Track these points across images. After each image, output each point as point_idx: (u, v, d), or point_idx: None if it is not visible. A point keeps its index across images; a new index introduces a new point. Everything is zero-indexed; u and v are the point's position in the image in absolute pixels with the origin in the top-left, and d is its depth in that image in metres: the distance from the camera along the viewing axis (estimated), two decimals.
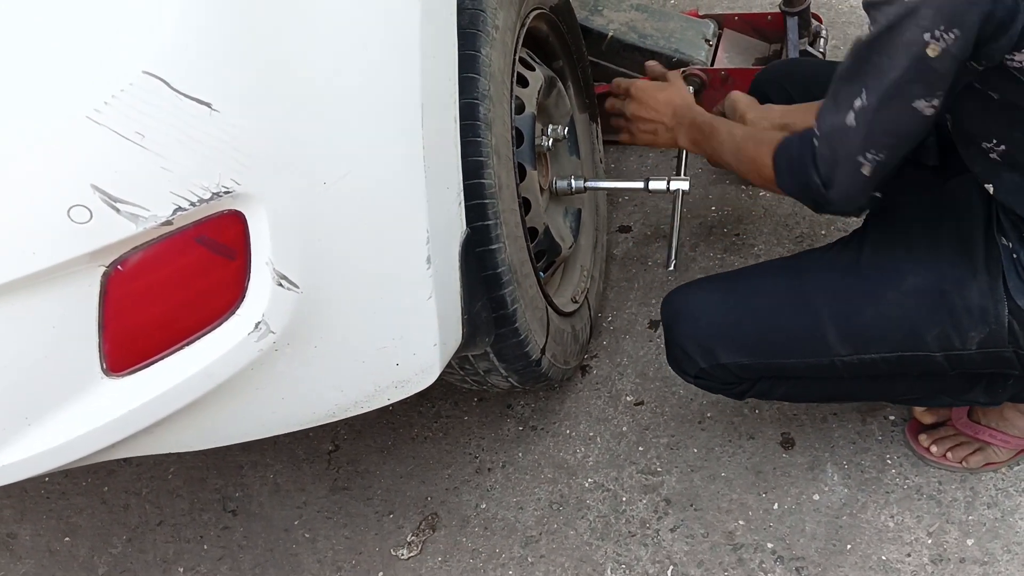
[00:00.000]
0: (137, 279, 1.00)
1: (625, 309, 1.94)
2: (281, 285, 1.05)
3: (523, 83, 1.60)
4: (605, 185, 1.78)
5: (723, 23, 2.22)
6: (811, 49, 2.10)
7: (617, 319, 1.92)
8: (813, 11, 2.13)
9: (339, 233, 1.09)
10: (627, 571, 1.57)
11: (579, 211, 1.83)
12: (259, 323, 1.06)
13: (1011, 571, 1.47)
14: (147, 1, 0.93)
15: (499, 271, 1.36)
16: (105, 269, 0.98)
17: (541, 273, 1.60)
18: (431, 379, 1.26)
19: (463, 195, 1.28)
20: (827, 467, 1.63)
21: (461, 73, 1.28)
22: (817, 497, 1.60)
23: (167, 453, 1.26)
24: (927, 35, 1.04)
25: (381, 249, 1.14)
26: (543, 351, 1.54)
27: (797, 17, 2.07)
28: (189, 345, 1.06)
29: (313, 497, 1.77)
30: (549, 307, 1.59)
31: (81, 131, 0.91)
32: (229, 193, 0.98)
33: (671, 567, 1.57)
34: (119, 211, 0.94)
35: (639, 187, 1.67)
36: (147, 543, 1.76)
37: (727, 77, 2.05)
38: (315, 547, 1.70)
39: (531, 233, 1.57)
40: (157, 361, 1.06)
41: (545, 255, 1.66)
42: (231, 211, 1.00)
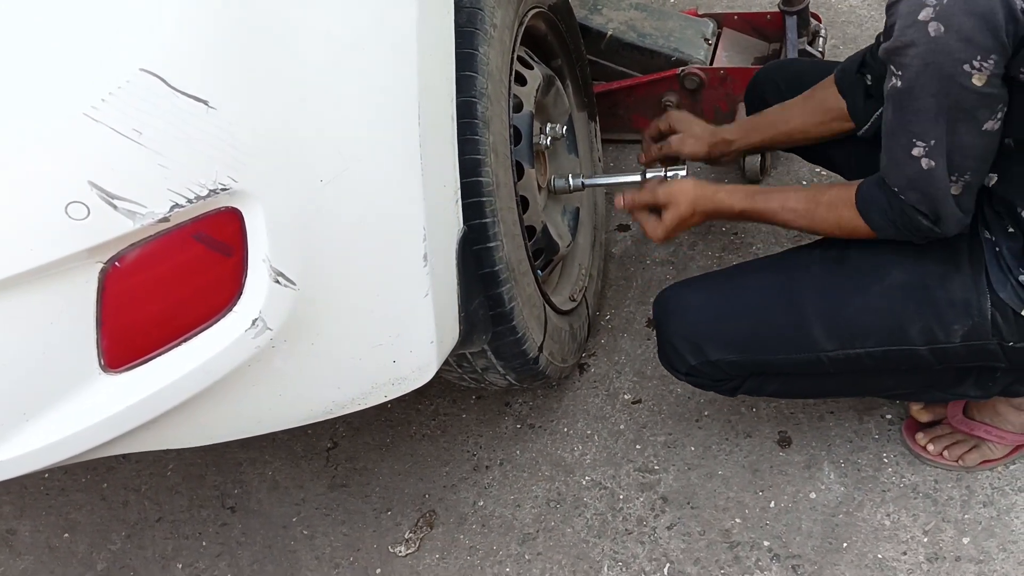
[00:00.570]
0: (134, 275, 1.00)
1: (623, 308, 1.94)
2: (278, 282, 1.06)
3: (521, 81, 1.60)
4: (603, 181, 1.79)
5: (722, 22, 2.22)
6: (810, 48, 2.11)
7: (615, 318, 1.93)
8: (812, 10, 2.13)
9: (336, 230, 1.09)
10: (624, 569, 1.58)
11: (577, 209, 1.83)
12: (256, 320, 1.06)
13: (1006, 569, 1.47)
14: None
15: (496, 269, 1.37)
16: (103, 265, 0.99)
17: (539, 271, 1.61)
18: (428, 376, 1.27)
19: (460, 193, 1.28)
20: (824, 465, 1.64)
21: (459, 71, 1.29)
22: (814, 495, 1.61)
23: (166, 449, 1.27)
24: (966, 66, 1.06)
25: (378, 246, 1.14)
26: (541, 349, 1.54)
27: (796, 16, 2.08)
28: (186, 341, 1.06)
29: (311, 494, 1.77)
30: (547, 305, 1.59)
31: (79, 128, 0.91)
32: (226, 190, 0.99)
33: (668, 564, 1.57)
34: (116, 208, 0.94)
35: (636, 180, 1.67)
36: (146, 539, 1.77)
37: (726, 76, 2.05)
38: (313, 544, 1.71)
39: (529, 231, 1.57)
40: (154, 357, 1.07)
41: (543, 253, 1.67)
42: (228, 208, 1.01)
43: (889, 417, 1.68)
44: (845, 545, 1.54)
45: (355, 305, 1.17)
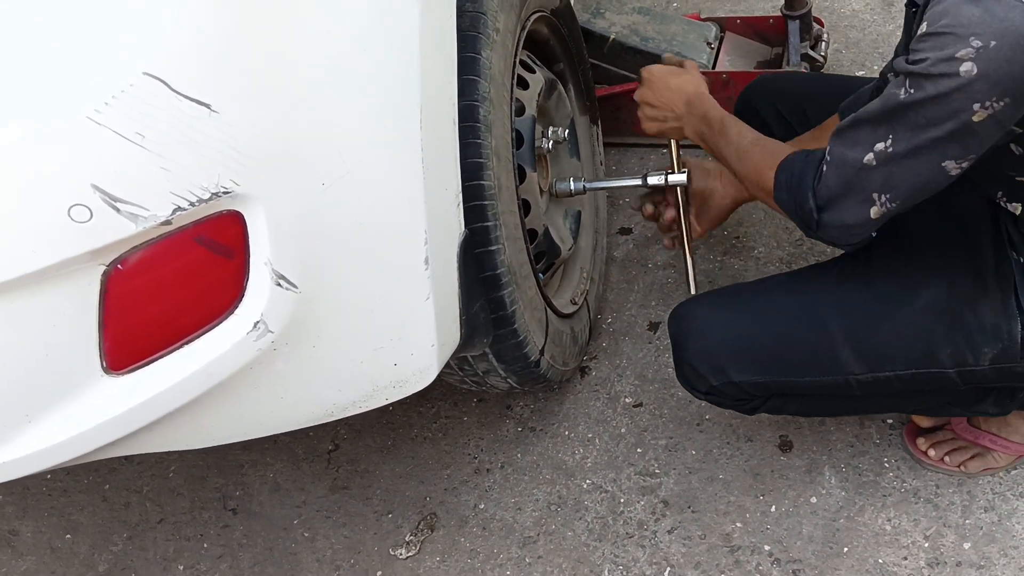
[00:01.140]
0: (137, 278, 1.01)
1: (625, 311, 1.94)
2: (280, 285, 1.06)
3: (523, 85, 1.60)
4: (604, 185, 1.79)
5: (725, 26, 2.22)
6: (812, 52, 2.11)
7: (616, 321, 1.93)
8: (815, 15, 2.13)
9: (337, 234, 1.10)
10: (624, 572, 1.58)
11: (579, 213, 1.84)
12: (258, 322, 1.06)
13: (1008, 575, 1.47)
14: (147, 3, 0.93)
15: (498, 272, 1.37)
16: (105, 268, 0.99)
17: (540, 275, 1.61)
18: (429, 379, 1.27)
19: (462, 196, 1.28)
20: (825, 470, 1.64)
21: (461, 75, 1.29)
22: (814, 500, 1.61)
23: (168, 451, 1.27)
24: (977, 104, 1.03)
25: (379, 250, 1.15)
26: (542, 352, 1.54)
27: (799, 21, 2.08)
28: (188, 344, 1.07)
29: (313, 496, 1.78)
30: (548, 309, 1.60)
31: (82, 131, 0.92)
32: (228, 193, 0.99)
33: (668, 568, 1.57)
34: (119, 211, 0.95)
35: (637, 184, 1.67)
36: (148, 541, 1.77)
37: (728, 80, 2.05)
38: (314, 546, 1.71)
39: (531, 235, 1.57)
40: (157, 360, 1.07)
41: (545, 257, 1.67)
42: (230, 211, 1.01)
43: (890, 422, 1.68)
44: (846, 550, 1.54)
45: (356, 308, 1.17)
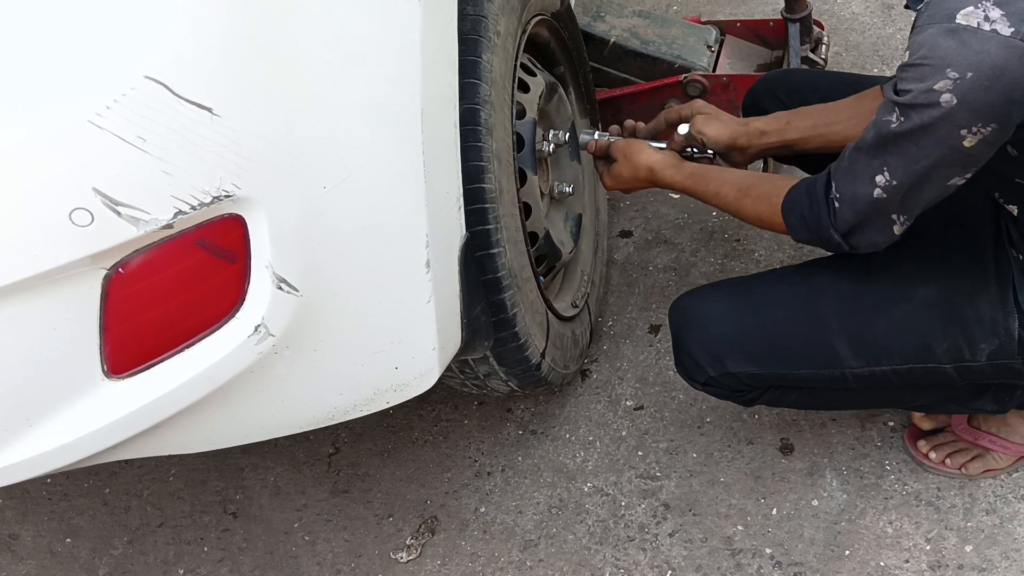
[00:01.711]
0: (138, 282, 1.01)
1: (625, 314, 1.94)
2: (281, 288, 1.06)
3: (524, 89, 1.60)
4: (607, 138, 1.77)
5: (725, 29, 2.22)
6: (813, 56, 2.10)
7: (617, 324, 1.93)
8: (815, 18, 2.13)
9: (339, 237, 1.10)
10: (625, 575, 1.57)
11: (580, 216, 1.84)
12: (259, 326, 1.06)
13: None
14: (149, 7, 0.93)
15: (499, 275, 1.37)
16: (106, 272, 0.99)
17: (541, 278, 1.61)
18: (430, 383, 1.27)
19: (463, 200, 1.28)
20: (826, 473, 1.64)
21: (462, 79, 1.29)
22: (816, 503, 1.61)
23: (168, 455, 1.27)
24: (963, 131, 1.05)
25: (380, 253, 1.15)
26: (543, 355, 1.54)
27: (799, 24, 2.08)
28: (189, 348, 1.07)
29: (313, 500, 1.77)
30: (549, 311, 1.60)
31: (83, 135, 0.92)
32: (229, 197, 0.99)
33: (669, 572, 1.57)
34: (120, 214, 0.95)
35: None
36: (148, 545, 1.77)
37: (729, 83, 2.05)
38: (315, 550, 1.71)
39: (531, 238, 1.57)
40: (158, 363, 1.07)
41: (545, 260, 1.67)
42: (231, 215, 1.01)
43: (891, 424, 1.68)
44: (847, 553, 1.54)
45: (357, 311, 1.17)
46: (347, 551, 1.70)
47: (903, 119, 1.08)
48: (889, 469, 1.62)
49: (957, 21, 1.01)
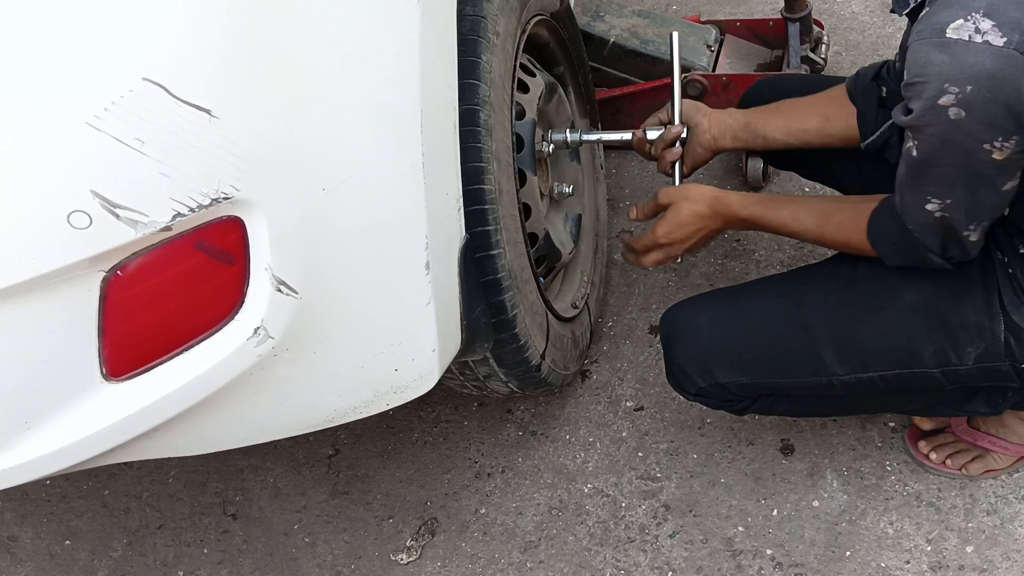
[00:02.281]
0: (136, 284, 1.00)
1: (625, 314, 1.94)
2: (280, 291, 1.06)
3: (524, 89, 1.60)
4: (600, 138, 1.76)
5: (725, 29, 2.22)
6: (813, 55, 2.10)
7: (617, 324, 1.93)
8: (815, 17, 2.13)
9: (338, 239, 1.09)
10: None
11: (579, 216, 1.83)
12: (258, 328, 1.06)
13: None
14: (147, 8, 0.93)
15: (499, 277, 1.37)
16: (105, 274, 0.99)
17: (541, 279, 1.61)
18: (430, 385, 1.27)
19: (463, 201, 1.28)
20: (827, 473, 1.63)
21: (461, 79, 1.29)
22: (816, 503, 1.60)
23: (167, 457, 1.26)
24: (986, 145, 1.05)
25: (380, 255, 1.14)
26: (543, 356, 1.54)
27: (799, 23, 2.08)
28: (188, 350, 1.06)
29: (313, 501, 1.77)
30: (549, 313, 1.59)
31: (81, 137, 0.91)
32: (228, 199, 0.99)
33: (670, 573, 1.57)
34: (119, 217, 0.94)
35: (629, 138, 1.66)
36: (147, 547, 1.76)
37: (728, 83, 2.05)
38: (315, 551, 1.70)
39: (531, 239, 1.57)
40: (156, 366, 1.07)
41: (545, 261, 1.66)
42: (230, 217, 1.01)
43: (892, 425, 1.67)
44: (848, 554, 1.54)
45: (357, 313, 1.17)
46: (347, 553, 1.69)
47: (918, 141, 1.08)
48: (890, 470, 1.62)
49: (948, 35, 1.01)
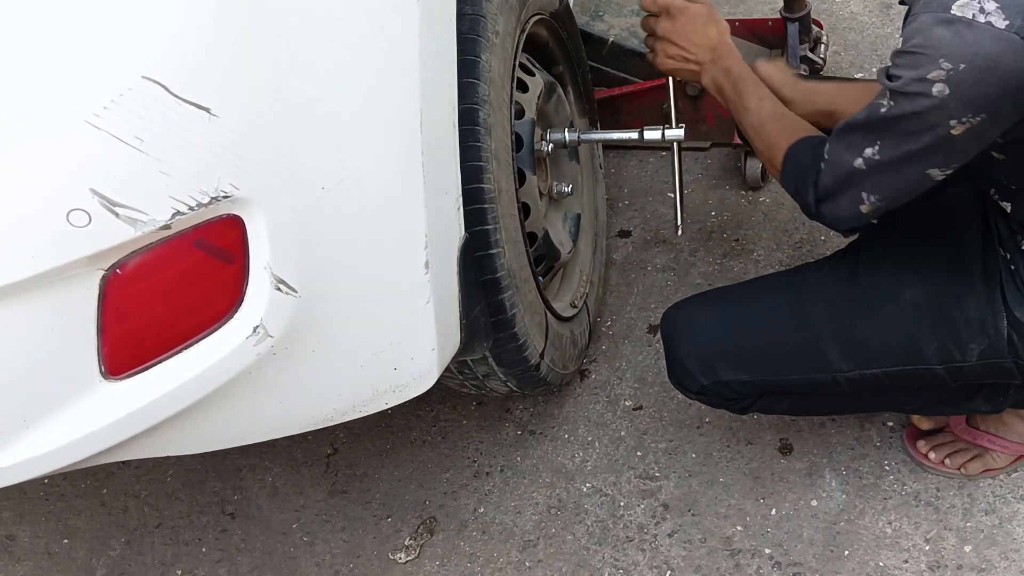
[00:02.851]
0: (136, 283, 1.00)
1: (624, 314, 1.94)
2: (279, 289, 1.06)
3: (523, 88, 1.60)
4: (598, 137, 1.77)
5: None
6: (812, 55, 2.10)
7: (616, 324, 1.93)
8: (814, 17, 2.13)
9: (337, 238, 1.09)
10: None
11: (578, 216, 1.83)
12: (257, 327, 1.06)
13: None
14: (147, 7, 0.93)
15: (498, 276, 1.37)
16: (104, 273, 0.99)
17: (540, 278, 1.61)
18: (429, 384, 1.27)
19: (462, 200, 1.28)
20: (825, 473, 1.63)
21: (461, 78, 1.29)
22: (815, 503, 1.60)
23: (166, 456, 1.26)
24: (953, 120, 1.04)
25: (379, 254, 1.14)
26: (542, 356, 1.54)
27: (798, 23, 2.07)
28: (187, 349, 1.06)
29: (311, 500, 1.77)
30: (548, 312, 1.59)
31: (80, 135, 0.91)
32: (228, 197, 0.99)
33: (668, 572, 1.57)
34: (118, 215, 0.94)
35: (633, 137, 1.66)
36: (145, 545, 1.76)
37: None
38: (313, 550, 1.70)
39: (530, 238, 1.57)
40: (155, 364, 1.06)
41: (544, 260, 1.66)
42: (230, 215, 1.01)
43: (891, 424, 1.67)
44: (847, 553, 1.54)
45: (356, 312, 1.17)
46: (345, 552, 1.69)
47: (893, 104, 1.08)
48: (888, 469, 1.62)
49: (952, 11, 1.01)
